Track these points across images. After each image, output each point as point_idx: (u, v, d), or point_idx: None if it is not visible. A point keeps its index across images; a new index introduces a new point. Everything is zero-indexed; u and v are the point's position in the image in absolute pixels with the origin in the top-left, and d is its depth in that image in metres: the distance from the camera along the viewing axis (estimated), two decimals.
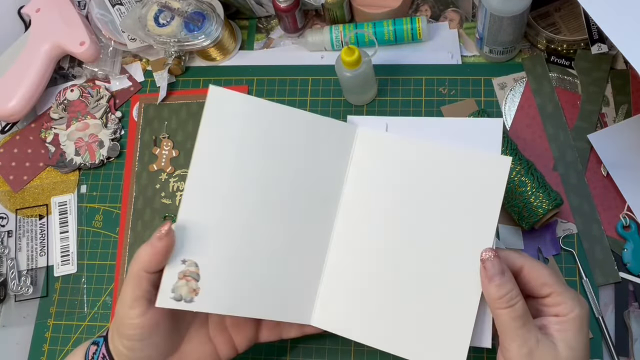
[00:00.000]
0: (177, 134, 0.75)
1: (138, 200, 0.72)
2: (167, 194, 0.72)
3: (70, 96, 0.78)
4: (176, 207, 0.72)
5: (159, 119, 0.76)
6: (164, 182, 0.73)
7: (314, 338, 0.64)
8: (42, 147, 0.77)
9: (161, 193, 0.72)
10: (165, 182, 0.73)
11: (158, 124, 0.76)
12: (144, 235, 0.71)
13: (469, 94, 0.71)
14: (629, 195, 0.63)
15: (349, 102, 0.73)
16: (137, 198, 0.73)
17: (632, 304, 0.60)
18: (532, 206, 0.59)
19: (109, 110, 0.77)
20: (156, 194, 0.72)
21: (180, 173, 0.73)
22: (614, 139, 0.65)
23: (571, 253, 0.63)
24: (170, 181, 0.73)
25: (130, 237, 0.71)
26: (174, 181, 0.73)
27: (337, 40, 0.74)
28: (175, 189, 0.72)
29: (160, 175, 0.73)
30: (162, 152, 0.74)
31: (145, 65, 0.80)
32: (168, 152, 0.74)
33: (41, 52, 0.75)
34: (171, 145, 0.74)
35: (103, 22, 0.78)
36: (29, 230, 0.74)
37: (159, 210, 0.72)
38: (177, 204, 0.72)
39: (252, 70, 0.77)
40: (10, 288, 0.71)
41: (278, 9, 0.73)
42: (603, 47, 0.67)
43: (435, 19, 0.76)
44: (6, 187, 0.76)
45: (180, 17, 0.73)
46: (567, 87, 0.70)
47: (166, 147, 0.74)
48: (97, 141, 0.75)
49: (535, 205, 0.59)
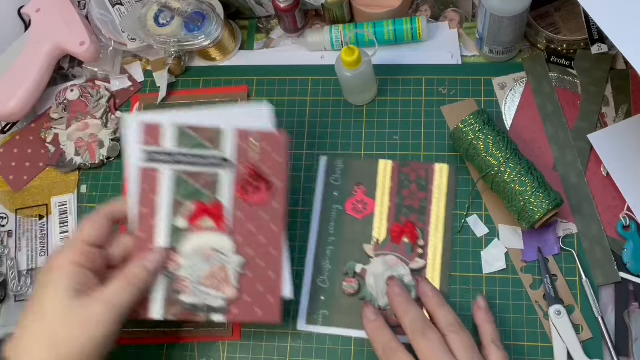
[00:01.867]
0: None
1: None
2: None
3: (70, 96, 0.78)
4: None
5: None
6: None
7: (314, 338, 0.64)
8: (42, 147, 0.77)
9: None
10: None
11: None
12: None
13: (469, 94, 0.71)
14: (629, 195, 0.63)
15: (349, 102, 0.73)
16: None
17: (632, 304, 0.60)
18: (532, 206, 0.59)
19: (109, 110, 0.77)
20: None
21: None
22: (614, 139, 0.65)
23: (571, 253, 0.63)
24: None
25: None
26: None
27: (337, 40, 0.74)
28: None
29: None
30: None
31: (145, 65, 0.80)
32: None
33: (41, 52, 0.75)
34: None
35: (103, 22, 0.78)
36: (29, 230, 0.74)
37: None
38: None
39: (252, 70, 0.77)
40: (10, 288, 0.71)
41: (278, 9, 0.73)
42: (603, 47, 0.67)
43: (435, 19, 0.76)
44: (6, 187, 0.76)
45: (180, 17, 0.73)
46: (567, 87, 0.70)
47: None
48: (97, 141, 0.75)
49: (535, 205, 0.59)
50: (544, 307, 0.61)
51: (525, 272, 0.63)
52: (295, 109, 0.74)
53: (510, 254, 0.64)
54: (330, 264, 0.65)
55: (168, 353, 0.65)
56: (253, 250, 0.59)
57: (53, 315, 0.52)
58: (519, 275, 0.63)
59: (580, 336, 0.59)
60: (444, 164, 0.67)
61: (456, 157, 0.68)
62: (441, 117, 0.70)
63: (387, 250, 0.65)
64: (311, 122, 0.72)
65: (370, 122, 0.72)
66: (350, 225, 0.67)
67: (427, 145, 0.69)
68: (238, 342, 0.65)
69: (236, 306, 0.58)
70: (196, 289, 0.58)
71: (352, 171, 0.69)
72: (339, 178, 0.69)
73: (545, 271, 0.62)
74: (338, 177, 0.69)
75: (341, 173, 0.69)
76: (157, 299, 0.57)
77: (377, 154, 0.70)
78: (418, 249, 0.64)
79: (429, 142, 0.69)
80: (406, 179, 0.67)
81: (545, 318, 0.61)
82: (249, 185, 0.59)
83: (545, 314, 0.61)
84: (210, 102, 0.75)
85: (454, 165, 0.68)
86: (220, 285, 0.58)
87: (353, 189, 0.68)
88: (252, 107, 0.63)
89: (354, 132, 0.71)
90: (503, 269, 0.63)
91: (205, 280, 0.58)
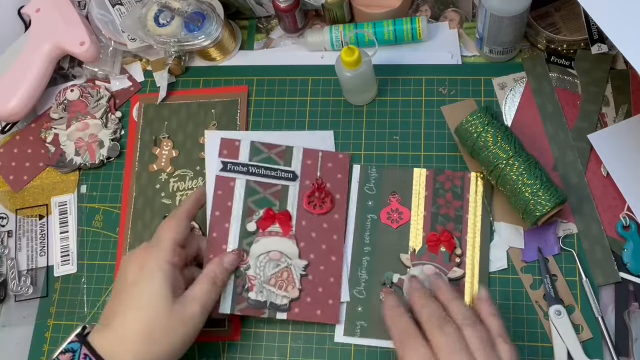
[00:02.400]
0: (177, 134, 0.75)
1: (138, 200, 0.72)
2: (167, 194, 0.72)
3: (70, 96, 0.78)
4: (176, 207, 0.71)
5: (158, 119, 0.76)
6: (164, 182, 0.73)
7: (314, 338, 0.64)
8: (42, 147, 0.77)
9: (161, 193, 0.72)
10: (165, 182, 0.73)
11: (158, 124, 0.75)
12: (143, 236, 0.71)
13: (469, 94, 0.71)
14: (629, 195, 0.63)
15: (349, 102, 0.73)
16: (137, 198, 0.72)
17: (632, 304, 0.60)
18: (540, 199, 0.59)
19: (109, 110, 0.77)
20: (156, 194, 0.72)
21: (180, 173, 0.73)
22: (614, 139, 0.65)
23: (571, 253, 0.63)
24: (170, 181, 0.73)
25: (130, 237, 0.71)
26: (173, 181, 0.73)
27: (337, 40, 0.74)
28: (175, 189, 0.72)
29: (160, 175, 0.73)
30: (162, 152, 0.74)
31: (145, 65, 0.80)
32: (168, 152, 0.74)
33: (41, 52, 0.75)
34: (171, 145, 0.74)
35: (103, 22, 0.78)
36: (29, 230, 0.74)
37: (159, 211, 0.72)
38: (177, 204, 0.72)
39: (252, 70, 0.77)
40: (10, 288, 0.71)
41: (278, 9, 0.73)
42: (603, 47, 0.67)
43: (435, 19, 0.76)
44: (6, 187, 0.76)
45: (180, 17, 0.73)
46: (567, 87, 0.70)
47: (166, 147, 0.74)
48: (97, 141, 0.75)
49: (543, 199, 0.59)
50: (544, 307, 0.61)
51: (525, 272, 0.63)
52: (295, 109, 0.74)
53: (510, 253, 0.64)
54: (367, 274, 0.65)
55: None
56: (315, 255, 0.64)
57: (152, 311, 0.54)
58: (519, 275, 0.63)
59: (580, 336, 0.59)
60: (479, 172, 0.66)
61: (456, 157, 0.68)
62: (441, 117, 0.70)
63: (425, 259, 0.64)
64: (311, 122, 0.72)
65: (370, 122, 0.72)
66: (385, 235, 0.66)
67: (427, 145, 0.69)
68: (238, 342, 0.65)
69: (298, 305, 0.63)
70: (263, 287, 0.63)
71: (386, 180, 0.68)
72: (373, 187, 0.68)
73: (545, 271, 0.62)
74: (372, 186, 0.68)
75: (375, 182, 0.68)
76: (227, 295, 0.63)
77: (377, 154, 0.70)
78: (456, 258, 0.63)
79: (429, 142, 0.69)
80: (441, 188, 0.67)
81: (545, 318, 0.61)
82: (315, 198, 0.66)
83: (545, 314, 0.61)
84: (210, 102, 0.75)
85: (454, 165, 0.68)
86: (285, 285, 0.63)
87: (388, 198, 0.67)
88: (317, 132, 0.71)
89: (354, 132, 0.71)
90: (503, 269, 0.63)
91: (271, 279, 0.63)
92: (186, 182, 0.72)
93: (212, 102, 0.75)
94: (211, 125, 0.74)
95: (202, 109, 0.75)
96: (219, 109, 0.75)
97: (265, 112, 0.74)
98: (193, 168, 0.73)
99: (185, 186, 0.72)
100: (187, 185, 0.72)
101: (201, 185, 0.70)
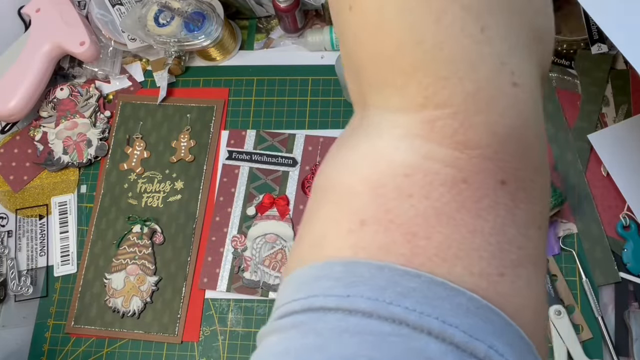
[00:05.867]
0: (150, 135, 0.74)
1: (105, 197, 0.72)
2: (134, 194, 0.72)
3: (59, 95, 0.78)
4: (142, 208, 0.71)
5: (134, 118, 0.75)
6: (132, 183, 0.72)
7: None
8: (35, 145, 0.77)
9: (128, 193, 0.72)
10: (133, 182, 0.72)
11: (133, 123, 0.75)
12: (106, 234, 0.70)
13: None
14: (629, 195, 0.63)
15: (349, 102, 0.73)
16: (105, 195, 0.72)
17: (632, 304, 0.60)
18: None
19: (98, 110, 0.77)
20: (123, 193, 0.72)
21: (149, 175, 0.72)
22: (614, 139, 0.65)
23: (571, 253, 0.63)
24: (138, 182, 0.72)
25: (94, 234, 0.71)
26: (142, 182, 0.72)
27: (337, 40, 0.74)
28: (142, 190, 0.72)
29: (130, 175, 0.73)
30: (134, 151, 0.74)
31: (145, 65, 0.80)
32: (140, 153, 0.74)
33: (41, 52, 0.75)
34: (143, 146, 0.74)
35: (103, 22, 0.78)
36: (29, 230, 0.74)
37: (125, 210, 0.71)
38: (142, 205, 0.71)
39: (252, 70, 0.77)
40: (10, 288, 0.71)
41: (278, 9, 0.73)
42: (603, 47, 0.67)
43: None
44: (6, 187, 0.76)
45: (180, 17, 0.73)
46: (567, 87, 0.70)
47: (138, 147, 0.74)
48: (85, 140, 0.75)
49: None
50: None
51: None
52: (295, 109, 0.74)
53: None
54: None
55: (168, 353, 0.65)
56: None
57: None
58: None
59: (580, 336, 0.59)
60: None
61: None
62: None
63: None
64: (311, 122, 0.72)
65: None
66: None
67: None
68: (238, 342, 0.65)
69: None
70: (257, 267, 0.66)
71: None
72: None
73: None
74: None
75: None
76: (224, 275, 0.66)
77: None
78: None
79: None
80: None
81: None
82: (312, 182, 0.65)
83: None
84: (186, 107, 0.75)
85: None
86: (279, 266, 0.65)
87: None
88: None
89: None
90: None
91: (265, 260, 0.66)
92: (154, 184, 0.71)
93: (189, 107, 0.75)
94: (185, 130, 0.74)
95: (177, 113, 0.75)
96: (194, 115, 0.74)
97: (265, 112, 0.74)
98: (162, 171, 0.72)
99: (153, 188, 0.71)
100: (154, 188, 0.71)
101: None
